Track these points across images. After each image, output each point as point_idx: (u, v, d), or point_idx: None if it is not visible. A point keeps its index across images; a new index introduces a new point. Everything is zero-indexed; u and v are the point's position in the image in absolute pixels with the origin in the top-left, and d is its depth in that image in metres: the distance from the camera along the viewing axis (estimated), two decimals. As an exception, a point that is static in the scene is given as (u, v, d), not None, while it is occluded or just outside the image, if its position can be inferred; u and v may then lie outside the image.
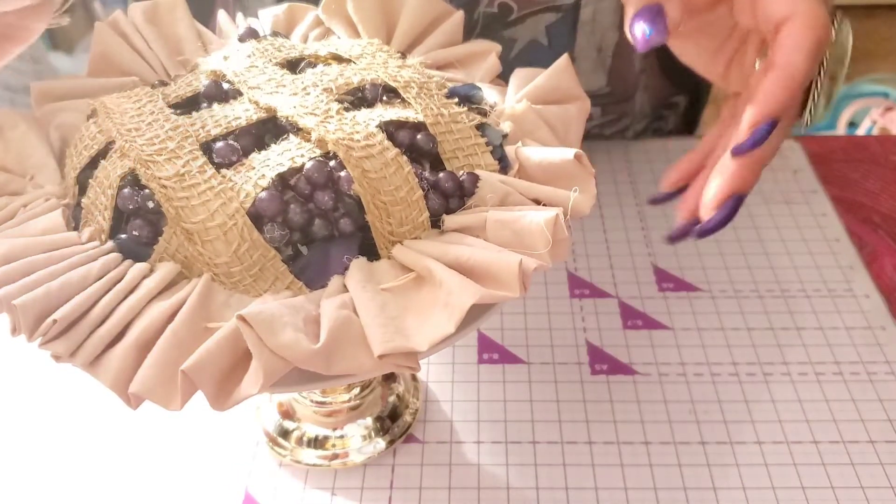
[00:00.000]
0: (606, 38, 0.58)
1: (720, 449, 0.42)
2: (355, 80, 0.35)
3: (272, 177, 0.31)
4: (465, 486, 0.41)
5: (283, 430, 0.43)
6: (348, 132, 0.32)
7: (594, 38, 0.57)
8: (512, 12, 0.54)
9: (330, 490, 0.41)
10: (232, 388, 0.27)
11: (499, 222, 0.30)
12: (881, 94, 1.60)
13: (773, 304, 0.50)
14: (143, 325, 0.29)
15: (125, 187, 0.31)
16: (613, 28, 0.57)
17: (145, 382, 0.27)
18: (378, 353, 0.27)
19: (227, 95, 0.35)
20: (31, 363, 0.48)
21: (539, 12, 0.55)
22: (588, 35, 0.57)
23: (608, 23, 0.57)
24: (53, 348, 0.28)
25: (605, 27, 0.57)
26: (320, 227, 0.31)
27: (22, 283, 0.28)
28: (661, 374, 0.46)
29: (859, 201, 0.59)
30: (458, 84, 0.37)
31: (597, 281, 0.53)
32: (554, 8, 0.55)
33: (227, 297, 0.30)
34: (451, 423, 0.44)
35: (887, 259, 0.54)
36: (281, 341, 0.26)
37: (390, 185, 0.31)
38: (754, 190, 0.61)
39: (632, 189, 0.61)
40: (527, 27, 0.56)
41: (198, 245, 0.30)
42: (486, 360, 0.47)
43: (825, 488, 0.40)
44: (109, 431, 0.44)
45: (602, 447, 0.42)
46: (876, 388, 0.45)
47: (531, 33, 0.56)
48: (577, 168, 0.33)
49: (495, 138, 0.35)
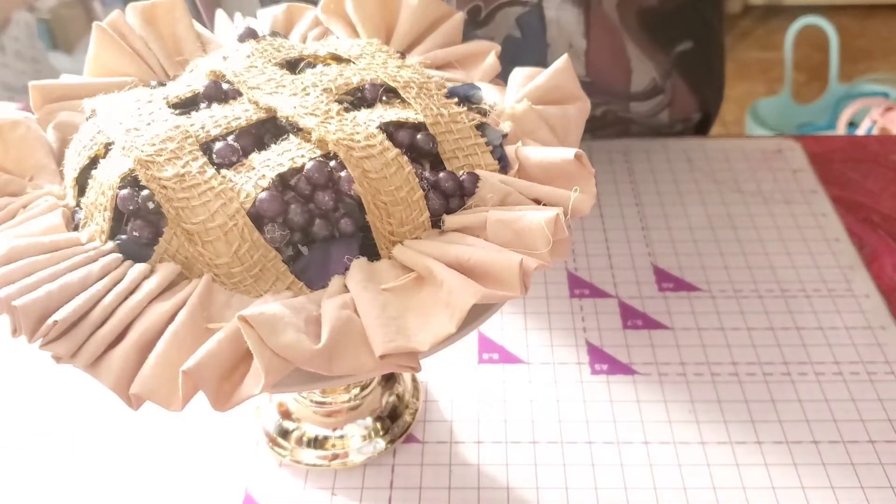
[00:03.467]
0: (575, 41, 0.58)
1: (720, 449, 0.42)
2: (355, 80, 0.35)
3: (272, 177, 0.31)
4: (465, 486, 0.41)
5: (283, 430, 0.43)
6: (348, 132, 0.32)
7: (563, 36, 0.58)
8: (480, 12, 0.55)
9: (330, 490, 0.41)
10: (233, 389, 0.27)
11: (499, 222, 0.30)
12: (881, 94, 1.60)
13: (773, 304, 0.50)
14: (144, 325, 0.29)
15: (125, 188, 0.31)
16: (579, 35, 0.58)
17: (146, 383, 0.27)
18: (379, 354, 0.27)
19: (226, 96, 0.35)
20: (32, 364, 0.48)
21: (505, 6, 0.56)
22: (556, 32, 0.57)
23: (573, 30, 0.57)
24: (54, 349, 0.28)
25: (571, 32, 0.57)
26: (321, 227, 0.31)
27: (22, 284, 0.28)
28: (661, 374, 0.46)
29: (859, 201, 0.59)
30: (457, 84, 0.37)
31: (597, 281, 0.53)
32: (518, 2, 0.56)
33: (228, 297, 0.30)
34: (451, 423, 0.44)
35: (887, 259, 0.54)
36: (282, 342, 0.26)
37: (391, 186, 0.31)
38: (754, 190, 0.61)
39: (632, 189, 0.61)
40: (498, 24, 0.56)
41: (198, 246, 0.30)
42: (486, 360, 0.47)
43: (825, 488, 0.40)
44: (110, 432, 0.44)
45: (602, 447, 0.42)
46: (876, 388, 0.45)
47: (504, 29, 0.57)
48: (577, 168, 0.33)
49: (495, 138, 0.35)
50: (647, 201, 0.59)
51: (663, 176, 0.62)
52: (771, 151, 0.64)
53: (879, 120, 1.33)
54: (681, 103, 0.66)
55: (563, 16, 0.56)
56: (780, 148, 0.64)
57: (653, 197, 0.60)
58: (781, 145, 0.65)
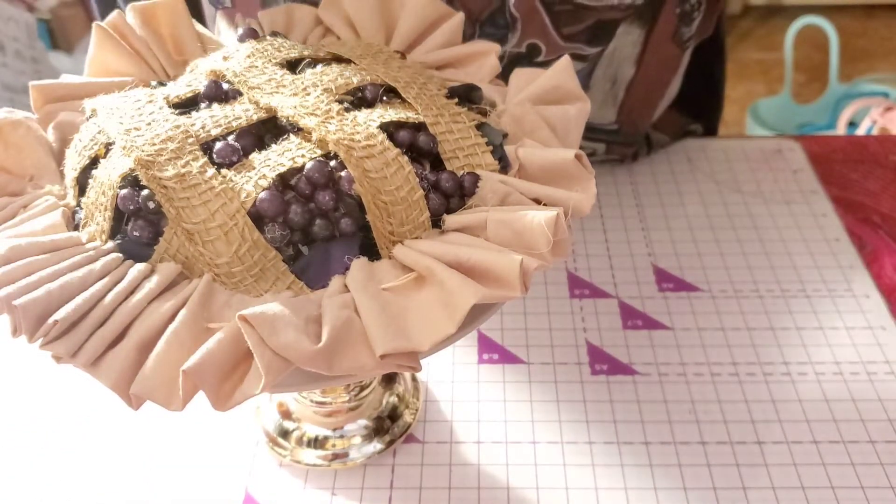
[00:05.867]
0: (622, 71, 0.56)
1: (720, 449, 0.42)
2: (355, 80, 0.35)
3: (273, 177, 0.31)
4: (465, 486, 0.41)
5: (283, 430, 0.43)
6: (349, 132, 0.32)
7: (609, 70, 0.56)
8: (540, 53, 0.54)
9: (330, 490, 0.41)
10: (233, 389, 0.27)
11: (499, 222, 0.30)
12: (881, 94, 1.60)
13: (773, 304, 0.50)
14: (144, 325, 0.29)
15: (125, 188, 0.31)
16: (630, 62, 0.56)
17: (146, 383, 0.27)
18: (380, 353, 0.27)
19: (227, 96, 0.35)
20: (32, 364, 0.48)
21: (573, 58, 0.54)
22: (604, 67, 0.56)
23: (625, 55, 0.55)
24: (54, 349, 0.28)
25: (622, 59, 0.55)
26: (321, 227, 0.31)
27: (23, 283, 0.28)
28: (661, 374, 0.46)
29: (859, 201, 0.59)
30: (457, 84, 0.37)
31: (597, 281, 0.53)
32: (580, 57, 0.54)
33: (228, 297, 0.30)
34: (451, 423, 0.44)
35: (887, 259, 0.54)
36: (282, 341, 0.26)
37: (391, 185, 0.31)
38: (754, 190, 0.61)
39: (632, 189, 0.61)
40: None
41: (199, 245, 0.30)
42: (486, 360, 0.47)
43: (825, 488, 0.40)
44: (110, 432, 0.44)
45: (602, 447, 0.42)
46: (876, 388, 0.45)
47: None
48: (577, 168, 0.33)
49: (495, 138, 0.35)
50: (647, 201, 0.59)
51: (663, 176, 0.62)
52: (771, 151, 0.64)
53: (879, 120, 1.33)
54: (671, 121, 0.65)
55: (619, 42, 0.54)
56: (780, 148, 0.64)
57: (653, 197, 0.60)
58: (781, 145, 0.65)
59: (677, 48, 0.56)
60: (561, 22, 0.52)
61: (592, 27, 0.53)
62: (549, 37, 0.52)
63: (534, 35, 0.53)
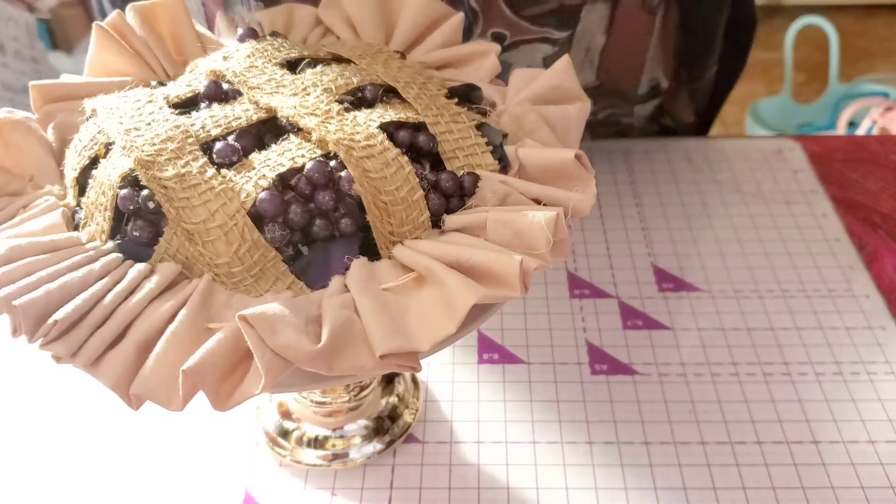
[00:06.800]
0: (594, 41, 0.58)
1: (720, 449, 0.42)
2: (355, 80, 0.35)
3: (273, 177, 0.31)
4: (465, 486, 0.41)
5: (283, 430, 0.43)
6: (349, 132, 0.32)
7: (583, 41, 0.58)
8: (505, 39, 0.55)
9: (330, 490, 0.41)
10: (233, 389, 0.27)
11: (499, 222, 0.30)
12: (881, 94, 1.60)
13: (773, 304, 0.50)
14: (144, 325, 0.29)
15: (125, 188, 0.31)
16: (601, 32, 0.57)
17: (146, 383, 0.27)
18: (380, 353, 0.27)
19: (227, 96, 0.35)
20: (32, 364, 0.48)
21: (533, 41, 0.56)
22: (577, 38, 0.57)
23: (596, 27, 0.57)
24: (54, 349, 0.28)
25: (594, 31, 0.57)
26: (321, 227, 0.31)
27: (22, 283, 0.28)
28: (661, 374, 0.46)
29: (859, 201, 0.59)
30: (457, 84, 0.37)
31: (597, 281, 0.53)
32: (549, 40, 0.56)
33: (228, 297, 0.30)
34: (451, 423, 0.44)
35: (887, 259, 0.54)
36: (282, 341, 0.26)
37: (391, 185, 0.31)
38: (754, 190, 0.61)
39: (632, 189, 0.61)
40: (522, 53, 0.56)
41: (198, 245, 0.30)
42: (486, 360, 0.47)
43: (825, 488, 0.40)
44: (110, 432, 0.44)
45: (602, 447, 0.42)
46: (876, 388, 0.45)
47: (527, 60, 0.57)
48: (577, 168, 0.33)
49: (495, 138, 0.35)
50: (647, 201, 0.59)
51: (663, 176, 0.62)
52: (771, 151, 0.64)
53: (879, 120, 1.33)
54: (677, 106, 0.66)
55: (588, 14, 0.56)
56: (780, 148, 0.64)
57: (653, 197, 0.60)
58: (781, 145, 0.65)
59: (648, 15, 0.58)
60: (519, 5, 0.54)
61: (556, 11, 0.54)
62: (510, 21, 0.54)
63: (495, 23, 0.54)
